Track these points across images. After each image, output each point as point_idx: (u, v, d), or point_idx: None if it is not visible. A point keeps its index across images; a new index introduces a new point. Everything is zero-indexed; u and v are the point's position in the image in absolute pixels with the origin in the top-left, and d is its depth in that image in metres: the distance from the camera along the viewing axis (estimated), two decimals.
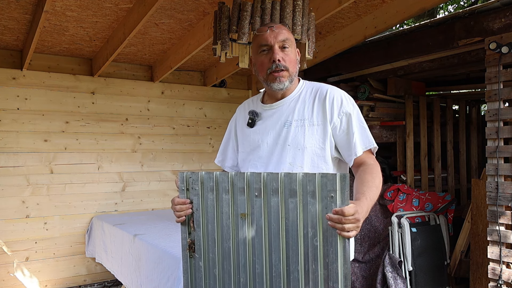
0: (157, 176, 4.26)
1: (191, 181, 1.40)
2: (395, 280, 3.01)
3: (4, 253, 3.53)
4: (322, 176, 1.22)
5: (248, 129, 1.63)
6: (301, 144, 1.49)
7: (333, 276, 1.22)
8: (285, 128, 1.53)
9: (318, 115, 1.51)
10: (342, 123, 1.49)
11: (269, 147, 1.55)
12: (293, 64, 1.53)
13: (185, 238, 1.43)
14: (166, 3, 2.72)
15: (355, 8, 2.97)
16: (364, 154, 1.49)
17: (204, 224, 1.39)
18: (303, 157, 1.49)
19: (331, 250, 1.22)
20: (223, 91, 4.65)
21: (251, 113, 1.63)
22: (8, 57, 3.63)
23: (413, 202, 3.44)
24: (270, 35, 1.50)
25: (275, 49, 1.50)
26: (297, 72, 1.57)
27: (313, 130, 1.50)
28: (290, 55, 1.52)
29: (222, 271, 1.38)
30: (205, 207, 1.39)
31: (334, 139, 1.51)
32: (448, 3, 8.73)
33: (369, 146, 1.51)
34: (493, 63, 2.64)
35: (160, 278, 2.54)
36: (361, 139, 1.49)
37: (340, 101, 1.51)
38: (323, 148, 1.50)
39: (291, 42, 1.54)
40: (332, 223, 1.19)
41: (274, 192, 1.29)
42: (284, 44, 1.51)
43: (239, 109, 1.75)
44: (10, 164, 3.55)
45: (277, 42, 1.50)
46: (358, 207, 1.23)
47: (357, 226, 1.20)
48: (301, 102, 1.55)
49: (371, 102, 3.70)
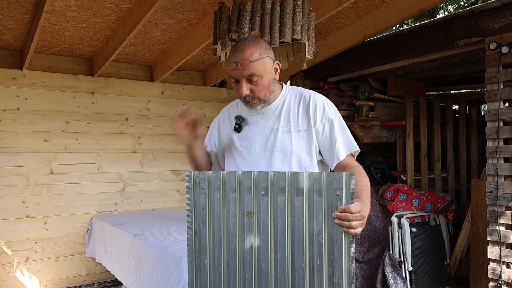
0: (157, 176, 4.26)
1: (198, 180, 1.43)
2: (395, 280, 3.01)
3: (4, 253, 3.53)
4: (328, 175, 1.26)
5: (235, 134, 1.65)
6: (288, 150, 1.54)
7: (338, 272, 1.25)
8: (272, 134, 1.57)
9: (303, 121, 1.56)
10: (324, 128, 1.55)
11: (257, 153, 1.58)
12: (264, 91, 1.53)
13: (191, 229, 1.45)
14: (166, 3, 2.72)
15: (355, 8, 2.97)
16: (347, 158, 1.55)
17: (210, 222, 1.42)
18: (291, 162, 1.54)
19: (336, 247, 1.25)
20: (223, 91, 4.65)
21: (237, 118, 1.65)
22: (8, 57, 3.63)
23: (413, 202, 3.44)
24: (236, 70, 1.48)
25: (241, 85, 1.50)
26: (271, 91, 1.56)
27: (299, 136, 1.55)
28: (260, 85, 1.51)
29: (227, 269, 1.40)
30: (211, 206, 1.42)
31: (318, 143, 1.56)
32: (448, 3, 8.74)
33: (352, 150, 1.57)
34: (493, 63, 2.64)
35: (160, 278, 2.54)
36: (344, 144, 1.55)
37: (323, 107, 1.56)
38: (309, 153, 1.55)
39: (260, 70, 1.49)
40: (340, 221, 1.23)
41: (280, 190, 1.32)
42: (251, 78, 1.49)
43: (222, 112, 1.78)
44: (10, 164, 3.55)
45: (243, 77, 1.49)
46: (363, 205, 1.28)
47: (362, 223, 1.25)
48: (286, 108, 1.59)
49: (371, 102, 3.70)
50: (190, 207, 1.44)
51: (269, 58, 1.52)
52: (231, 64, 1.49)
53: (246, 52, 1.48)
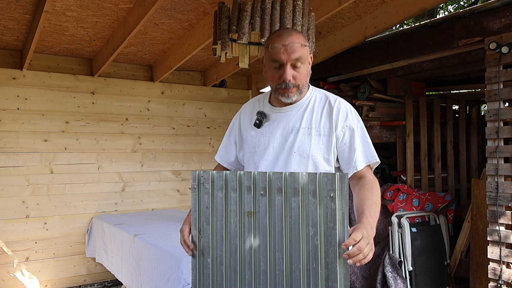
0: (157, 176, 4.26)
1: (202, 180, 1.44)
2: (395, 280, 3.01)
3: (4, 253, 3.53)
4: (323, 176, 1.25)
5: (255, 129, 1.63)
6: (306, 152, 1.52)
7: (333, 275, 1.24)
8: (292, 134, 1.55)
9: (325, 126, 1.54)
10: (344, 136, 1.53)
11: (275, 151, 1.56)
12: (304, 79, 1.52)
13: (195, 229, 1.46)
14: (166, 3, 2.72)
15: (355, 8, 2.97)
16: (364, 169, 1.53)
17: (213, 222, 1.43)
18: (307, 165, 1.51)
19: (331, 250, 1.24)
20: (223, 91, 4.65)
21: (259, 114, 1.62)
22: (8, 57, 3.63)
23: (413, 202, 3.44)
24: (284, 53, 1.46)
25: (286, 69, 1.48)
26: (307, 82, 1.56)
27: (319, 140, 1.52)
28: (301, 72, 1.50)
29: (229, 268, 1.41)
30: (214, 205, 1.43)
31: (336, 150, 1.54)
32: (448, 3, 8.74)
33: (372, 160, 1.54)
34: (493, 63, 2.64)
35: (160, 278, 2.54)
36: (364, 154, 1.53)
37: (346, 115, 1.54)
38: (327, 159, 1.53)
39: (305, 57, 1.50)
40: (354, 259, 1.21)
41: (278, 191, 1.32)
42: (296, 63, 1.48)
43: (244, 107, 1.75)
44: (10, 164, 3.55)
45: (290, 61, 1.47)
46: (363, 229, 1.26)
47: (371, 246, 1.25)
48: (310, 110, 1.57)
49: (371, 102, 3.70)
50: (195, 206, 1.45)
51: (309, 48, 1.53)
52: (279, 47, 1.47)
53: (294, 36, 1.48)
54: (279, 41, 1.48)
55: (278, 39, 1.49)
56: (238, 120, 1.74)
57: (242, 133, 1.70)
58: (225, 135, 1.80)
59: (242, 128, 1.70)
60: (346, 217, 1.24)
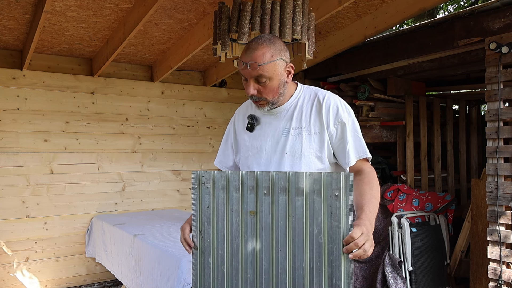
0: (157, 176, 4.26)
1: (203, 180, 1.44)
2: (395, 280, 3.01)
3: (4, 253, 3.53)
4: (328, 175, 1.26)
5: (247, 133, 1.64)
6: (298, 153, 1.51)
7: (337, 273, 1.25)
8: (283, 136, 1.55)
9: (316, 124, 1.53)
10: (337, 132, 1.52)
11: (268, 154, 1.57)
12: (272, 93, 1.50)
13: (196, 228, 1.46)
14: (166, 3, 2.72)
15: (355, 8, 2.97)
16: (359, 162, 1.52)
17: (215, 221, 1.43)
18: (300, 165, 1.51)
19: (335, 248, 1.25)
20: (223, 91, 4.65)
21: (250, 118, 1.63)
22: (8, 57, 3.63)
23: (413, 202, 3.44)
24: (244, 70, 1.46)
25: (249, 85, 1.48)
26: (280, 94, 1.53)
27: (311, 139, 1.52)
28: (267, 86, 1.48)
29: (230, 268, 1.42)
30: (216, 205, 1.43)
31: (332, 147, 1.54)
32: (448, 3, 8.73)
33: (362, 155, 1.53)
34: (493, 63, 2.64)
35: (160, 278, 2.54)
36: (355, 149, 1.52)
37: (336, 110, 1.53)
38: (320, 157, 1.52)
39: (271, 73, 1.46)
40: (356, 253, 1.23)
41: (281, 190, 1.32)
42: (259, 79, 1.46)
43: (238, 111, 1.76)
44: (10, 164, 3.55)
45: (252, 77, 1.47)
46: (363, 226, 1.27)
47: (370, 242, 1.26)
48: (299, 109, 1.56)
49: (371, 102, 3.70)
50: (196, 206, 1.46)
51: (281, 61, 1.48)
52: (241, 63, 1.47)
53: (258, 52, 1.44)
54: (242, 56, 1.48)
55: (244, 53, 1.49)
56: (233, 124, 1.75)
57: (237, 137, 1.71)
58: (222, 140, 1.80)
59: (237, 132, 1.71)
60: (350, 215, 1.25)
